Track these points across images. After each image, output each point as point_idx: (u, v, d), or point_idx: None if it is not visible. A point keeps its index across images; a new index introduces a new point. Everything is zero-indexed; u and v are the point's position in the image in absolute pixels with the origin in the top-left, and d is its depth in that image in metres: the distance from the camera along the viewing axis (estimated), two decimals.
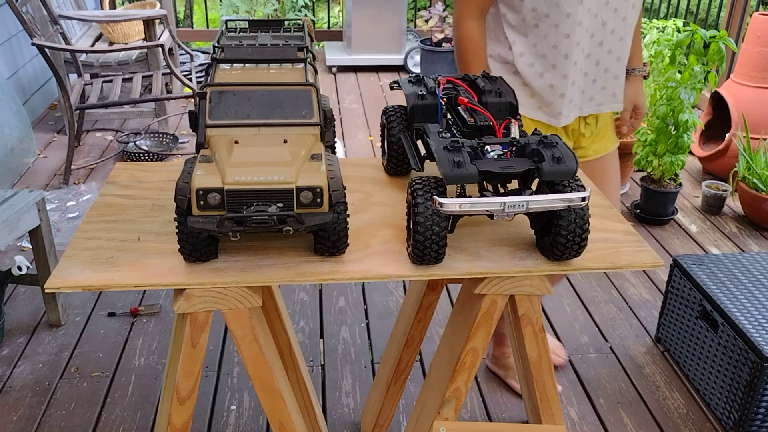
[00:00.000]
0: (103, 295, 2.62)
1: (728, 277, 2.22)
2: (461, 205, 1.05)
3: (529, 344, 1.30)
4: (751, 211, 3.27)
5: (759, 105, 3.51)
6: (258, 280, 1.10)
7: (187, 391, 1.22)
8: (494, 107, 1.25)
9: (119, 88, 3.72)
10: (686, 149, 3.07)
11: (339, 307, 2.61)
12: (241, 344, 1.20)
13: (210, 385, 2.21)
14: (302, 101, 1.15)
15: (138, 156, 3.78)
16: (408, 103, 1.36)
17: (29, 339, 2.38)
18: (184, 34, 5.91)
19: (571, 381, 2.25)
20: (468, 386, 1.33)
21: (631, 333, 2.50)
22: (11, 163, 3.56)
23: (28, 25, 3.29)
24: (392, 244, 1.19)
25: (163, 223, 1.24)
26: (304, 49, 1.30)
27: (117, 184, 1.40)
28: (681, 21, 3.15)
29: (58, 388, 2.16)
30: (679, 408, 2.15)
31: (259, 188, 1.03)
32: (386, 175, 1.46)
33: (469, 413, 2.13)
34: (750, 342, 1.94)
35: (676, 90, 2.98)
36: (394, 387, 1.85)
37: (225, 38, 1.37)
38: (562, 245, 1.12)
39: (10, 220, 2.11)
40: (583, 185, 1.11)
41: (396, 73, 5.52)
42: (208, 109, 1.13)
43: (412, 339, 1.75)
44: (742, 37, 3.99)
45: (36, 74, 4.45)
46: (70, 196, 3.31)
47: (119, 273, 1.10)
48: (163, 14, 3.81)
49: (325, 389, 2.21)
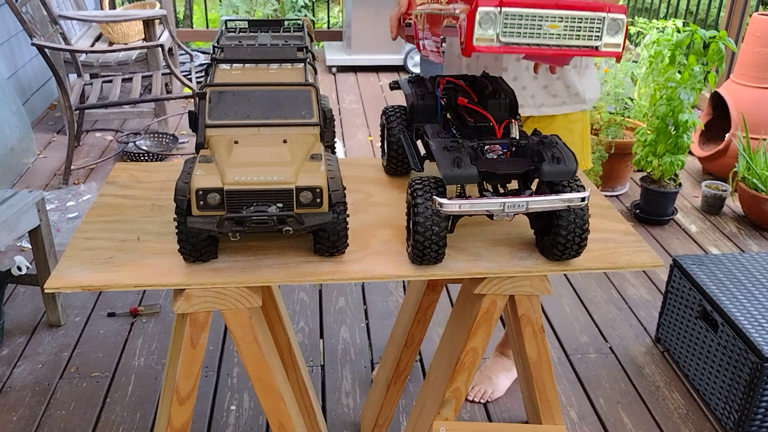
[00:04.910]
0: (102, 295, 2.62)
1: (728, 277, 2.22)
2: (461, 205, 1.05)
3: (528, 344, 1.30)
4: (750, 211, 3.27)
5: (759, 105, 3.51)
6: (258, 280, 1.10)
7: (187, 392, 1.22)
8: (494, 107, 1.25)
9: (119, 89, 3.72)
10: (686, 149, 3.07)
11: (339, 307, 2.61)
12: (240, 344, 1.20)
13: (210, 385, 2.21)
14: (302, 101, 1.15)
15: (138, 156, 3.78)
16: (408, 103, 1.36)
17: (29, 339, 2.38)
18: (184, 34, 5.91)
19: (571, 381, 2.25)
20: (468, 386, 1.33)
21: (631, 333, 2.50)
22: (11, 163, 3.56)
23: (27, 25, 3.29)
24: (392, 244, 1.19)
25: (162, 223, 1.24)
26: (303, 49, 1.30)
27: (117, 184, 1.40)
28: (681, 21, 3.15)
29: (57, 389, 2.16)
30: (679, 408, 2.15)
31: (259, 188, 1.03)
32: (386, 175, 1.46)
33: (469, 413, 2.13)
34: (750, 342, 1.94)
35: (676, 90, 2.98)
36: (394, 387, 1.85)
37: (225, 38, 1.37)
38: (561, 245, 1.12)
39: (10, 220, 2.11)
40: (582, 185, 1.11)
41: (396, 73, 5.52)
42: (208, 109, 1.13)
43: (412, 339, 1.75)
44: (741, 38, 4.00)
45: (36, 74, 4.45)
46: (70, 196, 3.31)
47: (119, 273, 1.10)
48: (162, 14, 3.81)
49: (325, 389, 2.21)
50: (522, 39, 0.95)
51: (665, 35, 3.07)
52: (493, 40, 0.95)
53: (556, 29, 0.96)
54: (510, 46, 0.95)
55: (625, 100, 3.55)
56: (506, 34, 0.95)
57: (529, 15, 0.95)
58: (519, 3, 0.94)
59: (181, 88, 4.13)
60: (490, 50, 0.95)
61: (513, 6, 0.94)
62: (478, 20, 0.93)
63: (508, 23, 0.94)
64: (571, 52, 0.98)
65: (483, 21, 0.93)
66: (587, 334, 2.48)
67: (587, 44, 0.98)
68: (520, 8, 0.94)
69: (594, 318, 2.57)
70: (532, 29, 0.95)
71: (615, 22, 0.97)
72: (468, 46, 0.96)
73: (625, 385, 2.24)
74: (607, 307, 2.64)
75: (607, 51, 0.99)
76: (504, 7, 0.93)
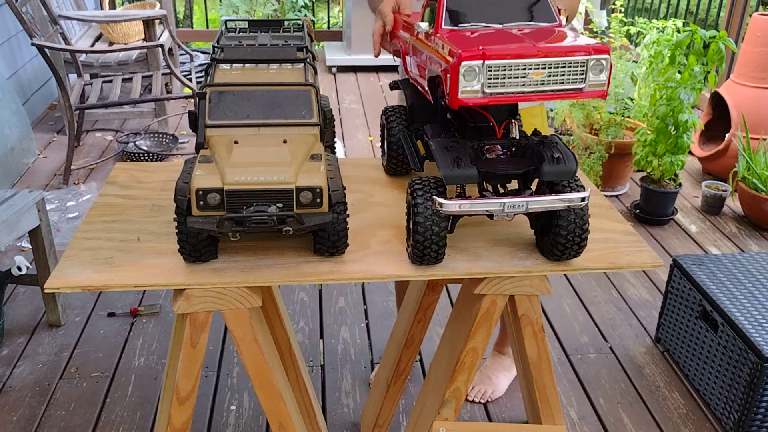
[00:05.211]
0: (102, 295, 2.62)
1: (728, 277, 2.22)
2: (461, 205, 1.05)
3: (528, 344, 1.30)
4: (750, 211, 3.27)
5: (759, 105, 3.51)
6: (258, 280, 1.10)
7: (187, 392, 1.22)
8: (494, 107, 1.25)
9: (119, 89, 3.72)
10: (686, 149, 3.07)
11: (339, 308, 2.61)
12: (240, 344, 1.20)
13: (210, 385, 2.21)
14: (302, 101, 1.15)
15: (138, 156, 3.78)
16: (408, 103, 1.36)
17: (29, 339, 2.38)
18: (184, 34, 5.91)
19: (571, 381, 2.25)
20: (468, 386, 1.33)
21: (631, 333, 2.50)
22: (11, 163, 3.56)
23: (27, 25, 3.29)
24: (392, 244, 1.19)
25: (162, 224, 1.24)
26: (303, 49, 1.30)
27: (117, 185, 1.40)
28: (681, 21, 3.15)
29: (57, 389, 2.16)
30: (678, 408, 2.15)
31: (259, 188, 1.03)
32: (386, 175, 1.46)
33: (469, 413, 2.13)
34: (750, 342, 1.93)
35: (676, 90, 2.98)
36: (394, 387, 1.85)
37: (225, 38, 1.37)
38: (561, 245, 1.12)
39: (10, 220, 2.11)
40: (582, 185, 1.11)
41: (396, 73, 5.51)
42: (208, 110, 1.13)
43: (412, 339, 1.75)
44: (741, 38, 4.00)
45: (36, 74, 4.45)
46: (70, 197, 3.31)
47: (119, 273, 1.10)
48: (162, 14, 3.81)
49: (325, 389, 2.21)
50: (507, 89, 0.96)
51: (665, 35, 3.06)
52: (478, 92, 0.96)
53: (540, 76, 0.96)
54: (495, 96, 0.96)
55: (625, 100, 3.55)
56: (491, 85, 0.96)
57: (512, 65, 0.95)
58: (501, 55, 0.94)
59: (181, 88, 4.14)
60: (475, 101, 0.97)
61: (496, 59, 0.94)
62: (462, 74, 0.94)
63: (491, 75, 0.95)
64: (557, 96, 0.99)
65: (467, 74, 0.94)
66: (587, 334, 2.48)
67: (572, 87, 0.99)
68: (502, 60, 0.94)
69: (594, 318, 2.57)
70: (516, 78, 0.96)
71: (599, 62, 0.98)
72: (453, 99, 0.97)
73: (625, 385, 2.24)
74: (607, 307, 2.64)
75: (591, 91, 0.99)
76: (487, 60, 0.94)
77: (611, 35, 3.77)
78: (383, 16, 1.44)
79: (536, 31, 1.06)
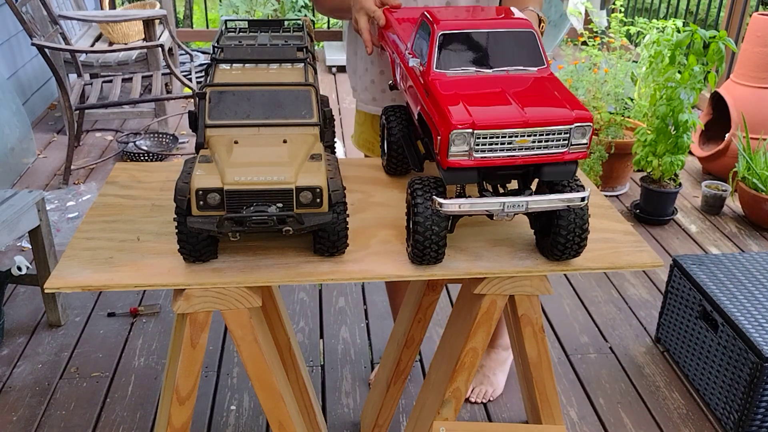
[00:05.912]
0: (102, 295, 2.62)
1: (728, 277, 2.22)
2: (461, 205, 1.06)
3: (528, 344, 1.30)
4: (750, 211, 3.27)
5: (759, 105, 3.51)
6: (258, 281, 1.10)
7: (187, 391, 1.22)
8: None
9: (119, 88, 3.72)
10: (686, 149, 3.07)
11: (339, 308, 2.61)
12: (240, 344, 1.20)
13: (210, 385, 2.21)
14: (302, 101, 1.15)
15: (138, 156, 3.78)
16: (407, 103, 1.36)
17: (29, 339, 2.38)
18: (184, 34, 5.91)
19: (571, 381, 2.25)
20: (468, 386, 1.33)
21: (631, 333, 2.50)
22: (11, 163, 3.56)
23: (27, 25, 3.29)
24: (392, 244, 1.19)
25: (162, 224, 1.24)
26: (303, 49, 1.30)
27: (117, 185, 1.40)
28: (681, 21, 3.15)
29: (57, 388, 2.16)
30: (678, 408, 2.15)
31: (259, 188, 1.03)
32: (386, 175, 1.46)
33: (469, 413, 2.13)
34: (750, 342, 1.94)
35: (676, 90, 2.98)
36: (394, 387, 1.85)
37: (225, 38, 1.37)
38: (561, 245, 1.12)
39: (10, 220, 2.11)
40: (582, 185, 1.11)
41: None
42: (208, 110, 1.13)
43: (412, 339, 1.75)
44: (741, 38, 4.00)
45: (36, 74, 4.45)
46: (70, 197, 3.31)
47: (119, 273, 1.10)
48: (162, 14, 3.81)
49: (325, 389, 2.21)
50: (494, 154, 1.02)
51: (665, 35, 3.06)
52: (467, 156, 1.02)
53: (526, 143, 1.02)
54: (483, 159, 1.02)
55: (625, 100, 3.55)
56: (479, 150, 1.02)
57: (499, 134, 1.01)
58: (490, 125, 1.00)
59: (181, 88, 4.14)
60: (464, 164, 1.03)
61: (484, 128, 1.00)
62: (452, 140, 1.00)
63: (480, 141, 1.01)
64: (540, 159, 1.04)
65: (456, 140, 1.00)
66: (587, 334, 2.48)
67: (556, 151, 1.04)
68: (490, 129, 1.00)
69: (594, 318, 2.57)
70: (503, 145, 1.02)
71: (581, 128, 1.03)
72: (443, 161, 1.03)
73: (625, 385, 2.24)
74: (607, 307, 2.64)
75: (574, 154, 1.05)
76: (476, 129, 1.00)
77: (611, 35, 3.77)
78: (371, 12, 1.43)
79: (525, 85, 1.11)
